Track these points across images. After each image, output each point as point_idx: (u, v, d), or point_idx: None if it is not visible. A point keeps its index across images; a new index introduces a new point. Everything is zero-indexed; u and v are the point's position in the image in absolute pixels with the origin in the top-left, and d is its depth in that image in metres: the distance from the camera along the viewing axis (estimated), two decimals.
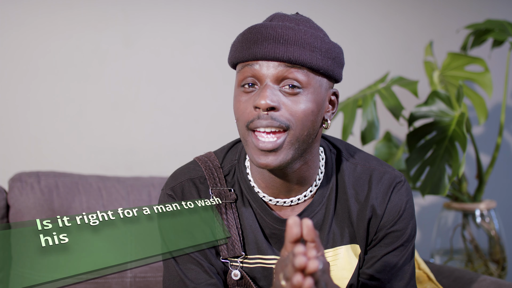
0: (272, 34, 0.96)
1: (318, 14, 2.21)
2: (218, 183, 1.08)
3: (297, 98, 0.96)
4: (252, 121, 0.96)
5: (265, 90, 0.95)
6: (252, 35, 0.97)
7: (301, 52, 0.95)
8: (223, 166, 1.12)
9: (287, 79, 0.96)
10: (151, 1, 2.00)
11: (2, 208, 1.55)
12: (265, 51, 0.95)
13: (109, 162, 1.94)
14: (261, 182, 1.06)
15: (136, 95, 1.98)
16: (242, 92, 0.99)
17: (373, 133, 1.85)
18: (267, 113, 0.95)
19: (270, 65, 0.96)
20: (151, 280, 1.58)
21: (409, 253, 1.09)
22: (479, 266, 1.95)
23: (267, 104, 0.93)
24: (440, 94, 1.82)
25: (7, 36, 1.84)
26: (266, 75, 0.96)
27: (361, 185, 1.09)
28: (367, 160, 1.12)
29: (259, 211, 1.08)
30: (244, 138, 0.99)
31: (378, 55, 2.31)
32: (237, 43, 1.01)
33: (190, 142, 2.03)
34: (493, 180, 2.34)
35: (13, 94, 1.85)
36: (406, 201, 1.08)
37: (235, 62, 1.01)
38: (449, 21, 2.39)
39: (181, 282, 1.04)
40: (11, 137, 1.85)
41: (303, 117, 0.96)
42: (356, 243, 1.08)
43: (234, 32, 2.30)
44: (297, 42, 0.96)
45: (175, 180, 1.10)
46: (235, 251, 1.05)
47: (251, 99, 0.97)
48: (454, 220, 2.02)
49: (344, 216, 1.08)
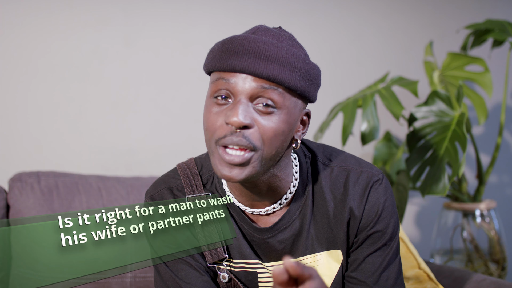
0: (254, 48, 0.93)
1: (318, 14, 2.21)
2: (195, 190, 1.08)
3: (270, 117, 0.93)
4: (223, 137, 0.94)
5: (238, 107, 0.92)
6: (233, 46, 0.94)
7: (280, 71, 0.92)
8: (202, 174, 1.11)
9: (261, 97, 0.93)
10: (151, 1, 2.00)
11: (2, 208, 1.55)
12: (245, 65, 0.92)
13: (109, 162, 1.94)
14: (236, 191, 1.06)
15: (136, 95, 1.98)
16: (214, 103, 0.96)
17: (373, 133, 1.85)
18: (239, 131, 0.92)
19: (247, 80, 0.92)
20: (151, 280, 1.58)
21: (393, 251, 1.06)
22: (479, 266, 1.95)
23: (241, 123, 0.91)
24: (440, 94, 1.82)
25: (7, 36, 1.84)
26: (241, 91, 0.93)
27: (338, 188, 1.06)
28: (343, 161, 1.09)
29: (238, 219, 1.08)
30: (210, 149, 0.97)
31: (378, 55, 2.31)
32: (216, 51, 0.98)
33: (190, 142, 2.03)
34: (493, 180, 2.34)
35: (13, 94, 1.85)
36: (384, 200, 1.05)
37: (211, 70, 0.99)
38: (449, 21, 2.39)
39: (175, 282, 1.04)
40: (11, 137, 1.85)
41: (273, 137, 0.94)
42: (338, 248, 1.07)
43: (234, 32, 2.30)
44: (278, 60, 0.93)
45: (155, 189, 1.11)
46: (218, 255, 1.05)
47: (223, 113, 0.94)
48: (454, 220, 2.02)
49: (323, 221, 1.06)
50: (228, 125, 0.93)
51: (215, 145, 0.96)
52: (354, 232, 1.05)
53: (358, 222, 1.04)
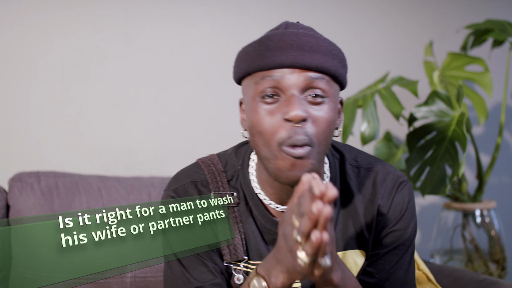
0: (297, 41, 0.92)
1: (318, 14, 2.21)
2: (220, 187, 1.07)
3: (320, 107, 0.93)
4: (288, 138, 0.91)
5: (294, 101, 0.91)
6: (274, 43, 0.93)
7: (325, 60, 0.93)
8: (226, 170, 1.10)
9: (311, 88, 0.93)
10: (151, 1, 2.00)
11: (2, 208, 1.55)
12: (292, 59, 0.91)
13: (109, 162, 1.94)
14: (269, 188, 1.05)
15: (136, 95, 1.98)
16: (262, 104, 0.94)
17: (373, 133, 1.85)
18: (300, 126, 0.91)
19: (295, 73, 0.92)
20: (151, 280, 1.58)
21: (409, 253, 1.09)
22: (479, 266, 1.95)
23: (301, 116, 0.90)
24: (440, 94, 1.82)
25: (7, 36, 1.84)
26: (292, 85, 0.92)
27: (367, 188, 1.08)
28: (369, 162, 1.11)
29: (260, 217, 1.07)
30: (271, 152, 0.94)
31: (378, 55, 2.31)
32: (254, 51, 0.96)
33: (190, 142, 2.03)
34: (493, 180, 2.34)
35: (13, 94, 1.85)
36: (408, 200, 1.08)
37: (251, 71, 0.96)
38: (449, 21, 2.39)
39: (187, 281, 1.03)
40: (11, 137, 1.85)
41: (326, 127, 0.94)
42: (362, 248, 1.08)
43: (234, 32, 2.30)
44: (320, 50, 0.93)
45: (178, 182, 1.09)
46: (237, 255, 1.05)
47: (276, 111, 0.93)
48: (454, 220, 2.02)
49: (348, 221, 1.08)
50: (287, 121, 0.92)
51: (278, 147, 0.93)
52: (378, 229, 1.07)
53: (384, 220, 1.07)
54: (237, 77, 1.01)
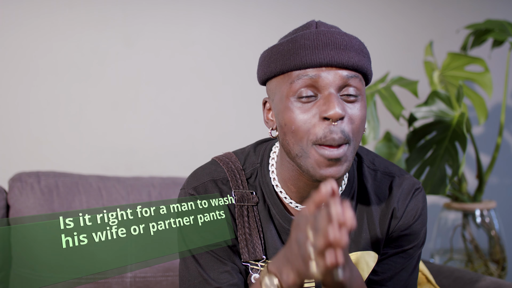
0: (332, 40, 0.93)
1: (318, 14, 2.21)
2: (240, 186, 1.06)
3: (354, 105, 0.94)
4: (323, 137, 0.91)
5: (333, 99, 0.91)
6: (310, 42, 0.93)
7: (359, 58, 0.94)
8: (245, 168, 1.09)
9: (347, 86, 0.93)
10: (151, 1, 2.00)
11: (2, 208, 1.55)
12: (329, 58, 0.92)
13: (109, 162, 1.94)
14: (292, 187, 1.04)
15: (136, 95, 1.98)
16: (298, 102, 0.93)
17: (373, 133, 1.85)
18: (336, 124, 0.91)
19: (331, 72, 0.92)
20: (151, 280, 1.58)
21: (415, 259, 1.11)
22: (479, 266, 1.95)
23: (340, 115, 0.90)
24: (440, 94, 1.82)
25: (8, 36, 1.84)
26: (330, 84, 0.92)
27: (383, 191, 1.09)
28: (386, 167, 1.12)
29: (278, 217, 1.06)
30: (303, 150, 0.94)
31: (378, 55, 2.31)
32: (287, 51, 0.95)
33: (190, 142, 2.03)
34: (493, 180, 2.34)
35: (13, 94, 1.85)
36: (422, 207, 1.10)
37: (286, 70, 0.95)
38: (449, 21, 2.39)
39: (204, 281, 1.02)
40: (11, 137, 1.85)
41: (360, 125, 0.95)
42: (373, 250, 1.08)
43: (234, 32, 2.30)
44: (353, 48, 0.94)
45: (198, 180, 1.07)
46: (256, 254, 1.04)
47: (313, 110, 0.92)
48: (454, 220, 2.02)
49: (362, 222, 1.08)
50: (324, 120, 0.91)
51: (311, 145, 0.93)
52: (390, 231, 1.08)
53: (397, 223, 1.08)
54: (267, 77, 1.00)
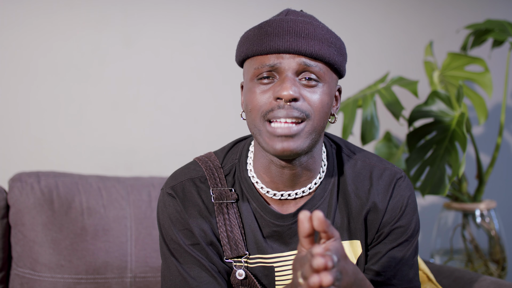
0: (294, 28, 0.98)
1: (317, 14, 2.20)
2: (219, 183, 1.08)
3: (314, 89, 0.98)
4: (270, 111, 0.97)
5: (287, 81, 0.96)
6: (272, 29, 0.99)
7: (321, 47, 0.97)
8: (224, 166, 1.11)
9: (306, 71, 0.97)
10: (151, 1, 2.00)
11: (2, 208, 1.55)
12: (288, 44, 0.96)
13: (109, 162, 1.94)
14: (266, 176, 1.06)
15: (136, 95, 1.98)
16: (258, 85, 0.99)
17: (373, 133, 1.85)
18: (289, 104, 0.96)
19: (291, 58, 0.97)
20: (151, 280, 1.58)
21: (413, 248, 1.10)
22: (479, 266, 1.95)
23: (291, 95, 0.95)
24: (440, 94, 1.82)
25: (8, 36, 1.84)
26: (287, 68, 0.97)
27: (362, 181, 1.09)
28: (367, 157, 1.13)
29: (258, 209, 1.08)
30: (257, 128, 0.99)
31: (378, 55, 2.31)
32: (253, 36, 1.01)
33: (190, 142, 2.03)
34: (493, 180, 2.34)
35: (13, 94, 1.85)
36: (408, 196, 1.09)
37: (250, 55, 1.01)
38: (449, 21, 2.39)
39: (184, 281, 1.04)
40: (11, 137, 1.85)
41: (321, 108, 0.98)
42: (357, 239, 1.09)
43: (234, 32, 2.30)
44: (317, 37, 0.98)
45: (175, 180, 1.10)
46: (238, 250, 1.05)
47: (269, 90, 0.98)
48: (454, 220, 2.02)
49: (345, 211, 1.09)
50: (277, 100, 0.96)
51: (263, 121, 0.98)
52: (377, 226, 1.08)
53: (381, 217, 1.08)
54: (238, 60, 1.06)
